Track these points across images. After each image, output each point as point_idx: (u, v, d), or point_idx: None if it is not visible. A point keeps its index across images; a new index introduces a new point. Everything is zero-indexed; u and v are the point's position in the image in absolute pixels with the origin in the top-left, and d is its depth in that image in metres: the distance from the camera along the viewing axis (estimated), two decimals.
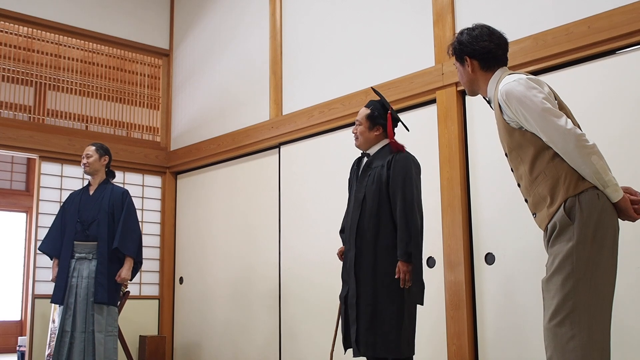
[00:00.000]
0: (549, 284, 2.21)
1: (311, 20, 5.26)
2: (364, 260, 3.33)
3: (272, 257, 5.30)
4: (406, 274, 3.21)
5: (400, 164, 3.34)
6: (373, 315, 3.24)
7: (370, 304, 3.25)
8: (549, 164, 2.27)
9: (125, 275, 4.59)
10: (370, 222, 3.34)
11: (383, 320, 3.22)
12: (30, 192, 9.12)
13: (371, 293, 3.27)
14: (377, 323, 3.23)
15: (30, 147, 5.86)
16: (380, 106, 3.52)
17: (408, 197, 3.26)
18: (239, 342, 5.55)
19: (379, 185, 3.35)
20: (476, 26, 2.55)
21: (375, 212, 3.34)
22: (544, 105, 2.23)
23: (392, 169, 3.34)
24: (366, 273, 3.31)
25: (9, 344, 8.69)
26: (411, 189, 3.29)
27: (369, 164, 3.47)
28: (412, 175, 3.32)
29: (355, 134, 3.54)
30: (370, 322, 3.24)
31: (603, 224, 2.18)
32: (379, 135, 3.49)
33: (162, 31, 6.92)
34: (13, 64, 6.00)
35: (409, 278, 3.21)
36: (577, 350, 2.09)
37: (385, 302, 3.24)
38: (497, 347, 3.73)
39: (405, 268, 3.21)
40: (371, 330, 3.23)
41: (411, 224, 3.23)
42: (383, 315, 3.23)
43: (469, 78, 2.56)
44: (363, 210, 3.38)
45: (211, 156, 6.07)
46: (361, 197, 3.40)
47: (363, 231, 3.36)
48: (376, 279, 3.28)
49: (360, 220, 3.38)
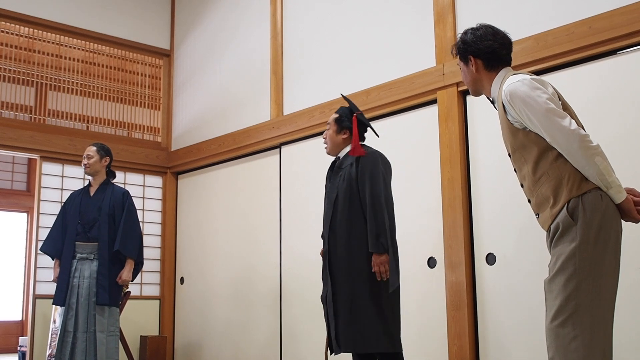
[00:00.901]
0: (551, 285, 2.21)
1: (312, 21, 5.27)
2: (339, 258, 3.35)
3: (273, 257, 5.30)
4: (381, 265, 3.21)
5: (367, 159, 3.37)
6: (351, 311, 3.23)
7: (348, 300, 3.25)
8: (553, 164, 2.26)
9: (126, 277, 4.59)
10: (343, 220, 3.37)
11: (362, 315, 3.21)
12: (31, 192, 9.12)
13: (348, 290, 3.27)
14: (356, 318, 3.21)
15: (31, 147, 5.86)
16: (348, 111, 3.56)
17: (375, 190, 3.29)
18: (239, 342, 5.55)
19: (349, 183, 3.38)
20: (480, 26, 2.54)
21: (346, 210, 3.36)
22: (548, 106, 2.23)
23: (360, 165, 3.37)
24: (341, 270, 3.32)
25: (10, 344, 8.69)
26: (378, 182, 3.31)
27: (340, 166, 3.51)
28: (380, 170, 3.35)
29: (325, 138, 3.61)
30: (349, 318, 3.22)
31: (606, 225, 2.18)
32: (347, 138, 3.53)
33: (162, 31, 6.93)
34: (14, 64, 6.01)
35: (385, 269, 3.21)
36: (579, 351, 2.09)
37: (364, 297, 3.23)
38: (498, 347, 3.73)
39: (379, 260, 3.21)
40: (350, 326, 3.22)
41: (380, 215, 3.25)
42: (362, 310, 3.21)
43: (472, 78, 2.55)
44: (335, 210, 3.42)
45: (212, 156, 6.07)
46: (334, 196, 3.45)
47: (336, 230, 3.39)
48: (352, 275, 3.28)
49: (332, 219, 3.42)
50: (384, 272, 3.22)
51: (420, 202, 4.22)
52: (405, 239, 4.23)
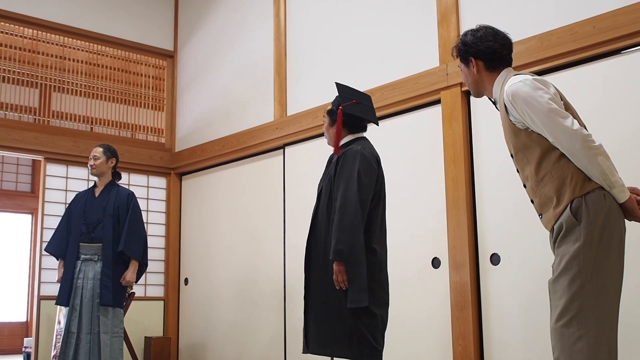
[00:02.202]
0: (555, 285, 2.21)
1: (315, 21, 5.27)
2: (314, 258, 3.23)
3: (277, 257, 5.30)
4: (338, 274, 3.01)
5: (348, 158, 3.17)
6: (323, 313, 3.11)
7: (321, 302, 3.13)
8: (555, 164, 2.26)
9: (130, 278, 4.59)
10: (322, 219, 3.23)
11: (332, 318, 3.06)
12: (35, 193, 9.14)
13: (321, 290, 3.13)
14: (326, 321, 3.09)
15: (35, 148, 5.88)
16: (339, 101, 3.35)
17: (347, 194, 3.07)
18: (244, 343, 5.56)
19: (329, 180, 3.26)
20: (480, 27, 2.54)
21: (325, 209, 3.22)
22: (550, 106, 2.23)
23: (339, 164, 3.20)
24: (317, 270, 3.20)
25: (15, 345, 8.72)
26: (352, 185, 3.07)
27: (331, 160, 3.40)
28: (357, 171, 3.10)
29: (323, 130, 3.51)
30: (319, 320, 3.12)
31: (610, 225, 2.18)
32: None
33: (166, 33, 6.94)
34: (18, 65, 6.02)
35: (342, 279, 3.00)
36: (584, 351, 2.09)
37: (335, 299, 3.06)
38: (503, 347, 3.72)
39: (336, 268, 3.01)
40: (320, 328, 3.10)
41: (346, 221, 3.01)
42: (333, 313, 3.07)
43: (474, 79, 2.55)
44: (317, 206, 3.31)
45: (216, 157, 6.08)
46: (319, 192, 3.35)
47: (315, 228, 3.27)
48: (327, 275, 3.10)
49: (314, 218, 3.30)
50: (341, 282, 3.01)
51: (424, 202, 4.22)
52: (409, 240, 4.24)
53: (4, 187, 9.25)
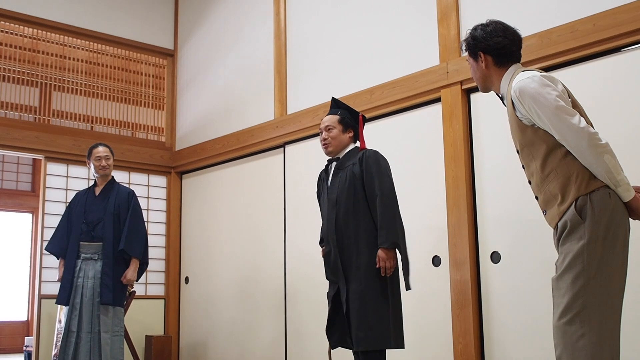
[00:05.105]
0: (559, 282, 2.20)
1: (315, 20, 5.27)
2: (347, 257, 3.36)
3: (278, 256, 5.30)
4: (386, 261, 3.24)
5: (372, 158, 3.42)
6: (363, 310, 3.25)
7: (359, 299, 3.27)
8: (561, 162, 2.26)
9: (131, 277, 4.60)
10: (349, 220, 3.38)
11: (372, 314, 3.24)
12: (35, 192, 9.15)
13: (359, 288, 3.29)
14: (367, 317, 3.24)
15: (35, 147, 5.88)
16: (346, 112, 3.64)
17: (385, 187, 3.33)
18: (244, 342, 5.56)
19: (352, 182, 3.40)
20: (490, 22, 2.52)
21: (352, 209, 3.38)
22: (558, 103, 2.22)
23: (364, 164, 3.41)
24: (352, 269, 3.34)
25: (16, 344, 8.72)
26: (387, 179, 3.36)
27: (340, 166, 3.53)
28: (386, 167, 3.42)
29: (327, 139, 3.58)
30: (361, 317, 3.25)
31: (614, 224, 2.17)
32: (352, 137, 3.60)
33: (166, 31, 6.93)
34: (18, 65, 6.02)
35: (390, 265, 3.24)
36: (587, 349, 2.09)
37: (374, 296, 3.26)
38: (504, 345, 3.73)
39: (385, 255, 3.24)
40: (362, 325, 3.24)
41: (391, 211, 3.30)
42: (373, 309, 3.24)
43: (482, 74, 2.54)
44: (338, 210, 3.42)
45: (216, 156, 6.08)
46: (334, 198, 3.45)
47: (341, 230, 3.39)
48: (361, 273, 3.30)
49: (337, 220, 3.41)
50: (389, 268, 3.25)
51: (425, 200, 4.22)
52: (409, 238, 4.22)
53: (4, 186, 9.25)
